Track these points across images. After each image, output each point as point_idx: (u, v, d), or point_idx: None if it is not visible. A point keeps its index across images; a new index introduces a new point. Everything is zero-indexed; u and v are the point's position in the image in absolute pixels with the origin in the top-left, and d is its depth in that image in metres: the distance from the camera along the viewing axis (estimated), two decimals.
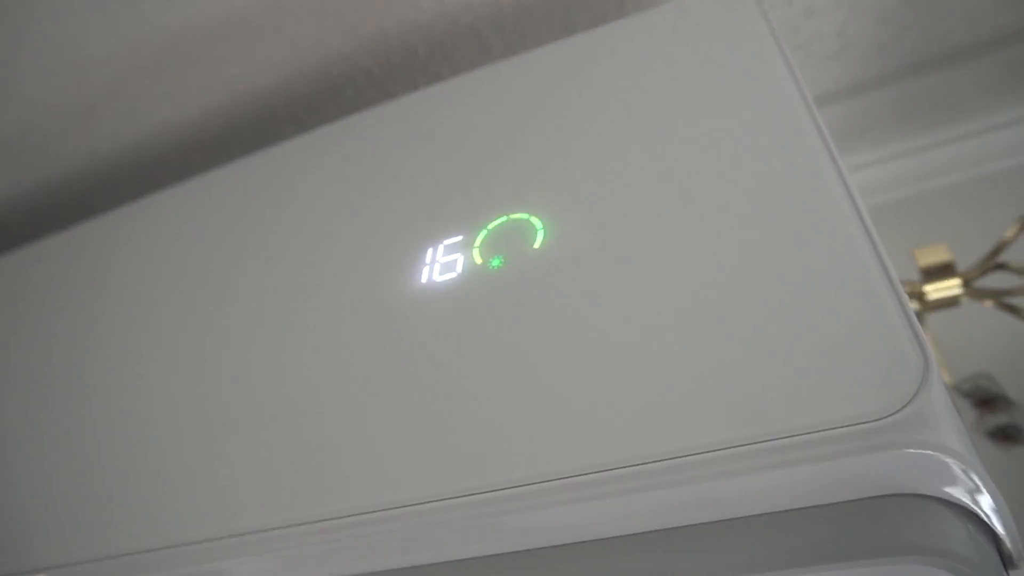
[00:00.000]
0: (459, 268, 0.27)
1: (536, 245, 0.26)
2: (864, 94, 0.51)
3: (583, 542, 0.19)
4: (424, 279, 0.27)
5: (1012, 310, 0.35)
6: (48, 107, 0.52)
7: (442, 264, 0.28)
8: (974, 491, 0.18)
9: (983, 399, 0.41)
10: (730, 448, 0.19)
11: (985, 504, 0.18)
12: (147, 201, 0.45)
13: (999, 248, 0.35)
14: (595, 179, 0.27)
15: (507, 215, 0.28)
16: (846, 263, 0.20)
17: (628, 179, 0.26)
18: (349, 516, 0.22)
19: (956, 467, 0.18)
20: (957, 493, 0.18)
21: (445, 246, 0.28)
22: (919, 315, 0.41)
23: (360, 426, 0.24)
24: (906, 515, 0.18)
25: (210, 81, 0.51)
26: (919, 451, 0.17)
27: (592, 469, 0.19)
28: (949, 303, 0.36)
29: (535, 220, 0.27)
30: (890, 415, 0.18)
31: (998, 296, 0.35)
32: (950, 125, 0.50)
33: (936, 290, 0.35)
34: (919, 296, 0.36)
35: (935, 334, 0.44)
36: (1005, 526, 0.18)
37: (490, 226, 0.28)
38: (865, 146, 0.52)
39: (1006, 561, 0.19)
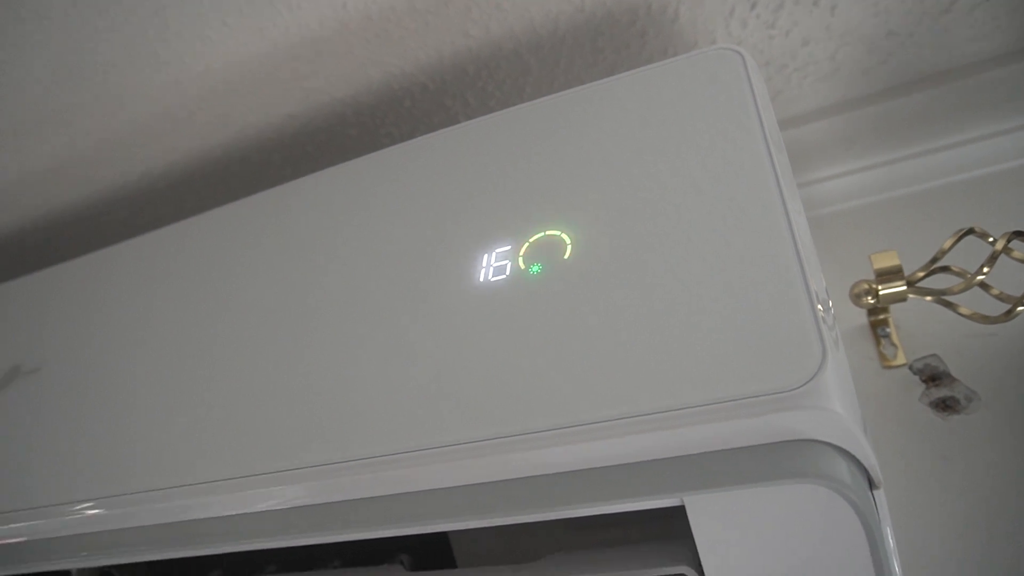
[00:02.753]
0: (507, 272, 0.36)
1: (566, 257, 0.35)
2: (851, 111, 0.59)
3: (588, 469, 0.29)
4: (481, 279, 0.37)
5: (948, 305, 0.43)
6: (153, 112, 0.61)
7: (494, 267, 0.37)
8: (852, 439, 0.27)
9: (931, 375, 0.49)
10: (694, 407, 0.28)
11: (858, 447, 0.27)
12: (237, 204, 0.53)
13: (938, 256, 0.43)
14: (607, 207, 0.36)
15: (544, 231, 0.37)
16: (781, 287, 0.29)
17: (630, 208, 0.35)
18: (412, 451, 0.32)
19: (840, 423, 0.27)
20: (840, 440, 0.27)
21: (497, 253, 0.37)
22: (876, 308, 0.49)
23: (427, 386, 0.34)
24: (806, 453, 0.27)
25: (290, 93, 0.60)
26: (815, 411, 0.26)
27: (599, 419, 0.29)
28: (898, 298, 0.44)
29: (565, 236, 0.36)
30: (797, 387, 0.27)
31: (936, 295, 0.43)
32: (924, 140, 0.57)
33: (886, 288, 0.44)
34: (874, 293, 0.45)
35: (896, 322, 0.52)
36: (871, 461, 0.27)
37: (531, 239, 0.37)
38: (850, 156, 0.60)
39: (871, 484, 0.28)
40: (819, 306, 0.29)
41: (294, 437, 0.37)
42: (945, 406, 0.48)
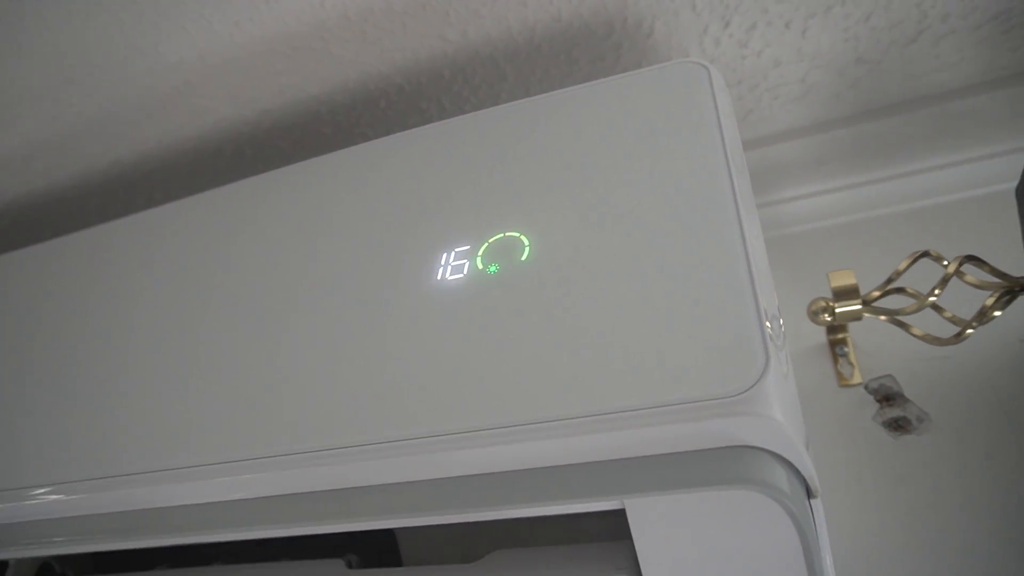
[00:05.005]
0: (465, 271, 0.36)
1: (523, 258, 0.35)
2: (822, 133, 0.60)
3: (530, 469, 0.29)
4: (438, 277, 0.37)
5: (901, 325, 0.44)
6: (126, 101, 0.61)
7: (452, 267, 0.37)
8: (791, 447, 0.27)
9: (885, 395, 0.50)
10: (636, 410, 0.28)
11: (797, 455, 0.27)
12: (202, 196, 0.52)
13: (893, 277, 0.44)
14: (567, 211, 0.36)
15: (503, 232, 0.37)
16: (730, 299, 0.29)
17: (588, 213, 0.35)
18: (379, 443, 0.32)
19: (779, 431, 0.27)
20: (779, 447, 0.27)
21: (455, 253, 0.37)
22: (835, 327, 0.50)
23: (377, 382, 0.34)
24: (745, 459, 0.27)
25: (266, 88, 0.60)
26: (754, 418, 0.27)
27: (541, 419, 0.29)
28: (853, 317, 0.45)
29: (524, 238, 0.36)
30: (739, 394, 0.27)
31: (890, 314, 0.44)
32: (889, 165, 0.59)
33: (842, 307, 0.45)
34: (831, 310, 0.45)
35: (855, 342, 0.53)
36: (809, 470, 0.28)
37: (490, 240, 0.37)
38: (818, 178, 0.61)
39: (809, 492, 0.28)
40: (767, 321, 0.29)
41: (247, 428, 0.36)
42: (897, 426, 0.49)
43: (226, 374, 0.40)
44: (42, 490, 0.42)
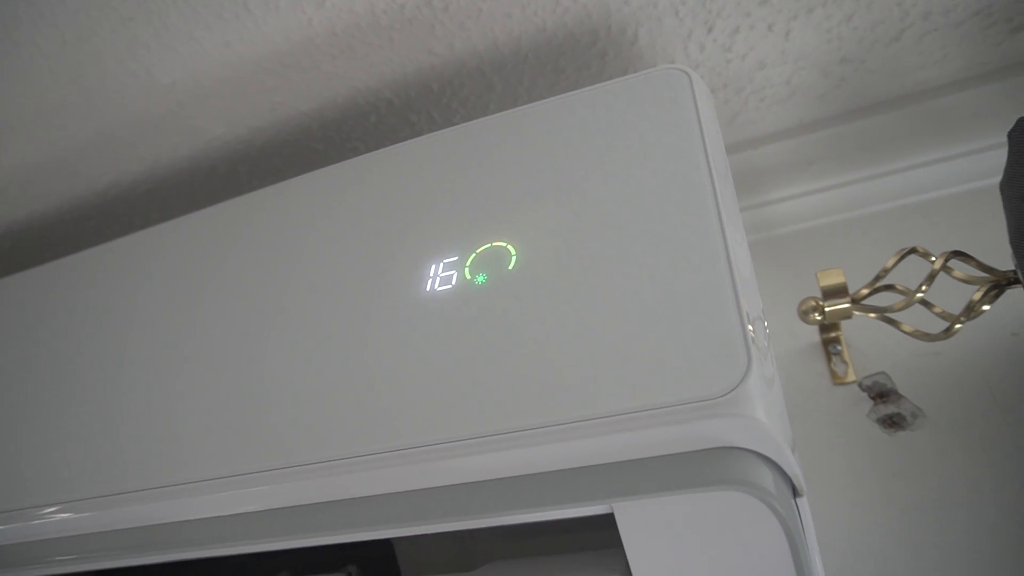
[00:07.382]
0: (454, 282, 0.37)
1: (510, 267, 0.36)
2: (808, 133, 0.60)
3: (519, 476, 0.30)
4: (427, 288, 0.37)
5: (891, 322, 0.44)
6: (121, 122, 0.62)
7: (441, 277, 0.37)
8: (775, 447, 0.28)
9: (879, 392, 0.50)
10: (623, 414, 0.28)
11: (782, 455, 0.28)
12: (197, 215, 0.53)
13: (881, 275, 0.44)
14: (552, 220, 0.36)
15: (491, 242, 0.38)
16: (712, 303, 0.30)
17: (573, 222, 0.36)
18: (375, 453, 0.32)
19: (763, 431, 0.27)
20: (764, 448, 0.28)
21: (444, 263, 0.38)
22: (827, 326, 0.50)
23: (377, 391, 0.34)
24: (731, 461, 0.28)
25: (258, 106, 0.60)
26: (738, 419, 0.27)
27: (530, 426, 0.29)
28: (843, 315, 0.46)
29: (510, 248, 0.37)
30: (722, 395, 0.27)
31: (879, 312, 0.44)
32: (876, 163, 0.59)
33: (831, 306, 0.45)
34: (820, 310, 0.46)
35: (848, 340, 0.53)
36: (794, 469, 0.28)
37: (478, 250, 0.38)
38: (806, 178, 0.61)
39: (795, 492, 0.29)
40: (749, 324, 0.29)
41: (244, 443, 0.37)
42: (892, 422, 0.49)
43: (223, 389, 0.40)
44: (47, 509, 0.43)
